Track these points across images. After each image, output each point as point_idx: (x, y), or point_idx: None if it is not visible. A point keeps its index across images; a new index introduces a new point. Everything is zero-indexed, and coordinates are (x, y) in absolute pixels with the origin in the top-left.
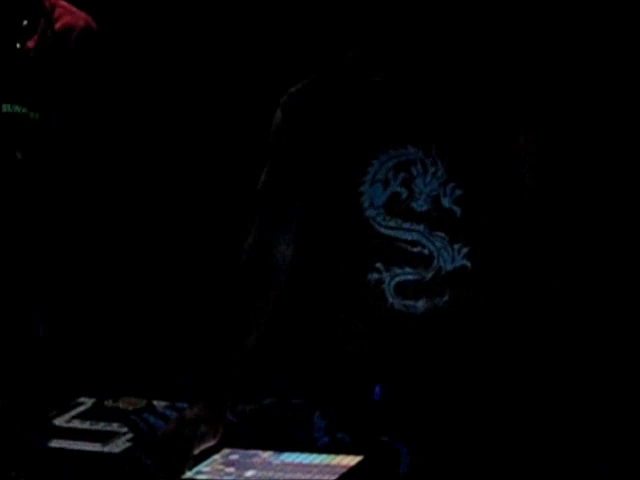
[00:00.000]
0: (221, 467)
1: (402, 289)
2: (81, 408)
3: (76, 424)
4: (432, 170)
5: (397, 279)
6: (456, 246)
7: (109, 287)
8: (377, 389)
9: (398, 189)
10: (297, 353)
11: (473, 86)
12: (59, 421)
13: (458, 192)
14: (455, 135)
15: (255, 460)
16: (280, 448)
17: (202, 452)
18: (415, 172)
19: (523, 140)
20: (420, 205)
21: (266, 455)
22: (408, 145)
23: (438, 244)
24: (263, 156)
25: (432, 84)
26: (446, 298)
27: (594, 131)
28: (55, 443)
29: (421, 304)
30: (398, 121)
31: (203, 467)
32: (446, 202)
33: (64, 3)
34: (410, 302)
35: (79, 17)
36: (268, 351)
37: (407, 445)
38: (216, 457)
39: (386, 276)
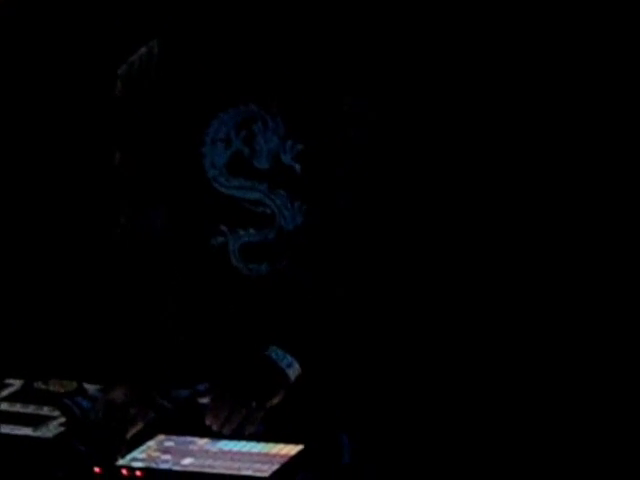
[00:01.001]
0: (157, 454)
1: (246, 252)
2: (9, 390)
3: (5, 407)
4: (272, 127)
5: (241, 241)
6: (296, 204)
7: (35, 264)
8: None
9: (240, 147)
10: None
11: (309, 45)
12: None
13: (298, 147)
14: (293, 92)
15: (192, 447)
16: (216, 435)
17: (136, 438)
18: (256, 129)
19: (350, 99)
20: (262, 163)
21: (203, 442)
22: (249, 103)
23: (279, 202)
24: (110, 129)
25: (270, 41)
26: (286, 259)
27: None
28: None
29: (264, 267)
30: (237, 80)
31: (138, 454)
32: (286, 158)
33: None
34: (254, 265)
35: None
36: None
37: (349, 433)
38: (151, 443)
39: (230, 239)
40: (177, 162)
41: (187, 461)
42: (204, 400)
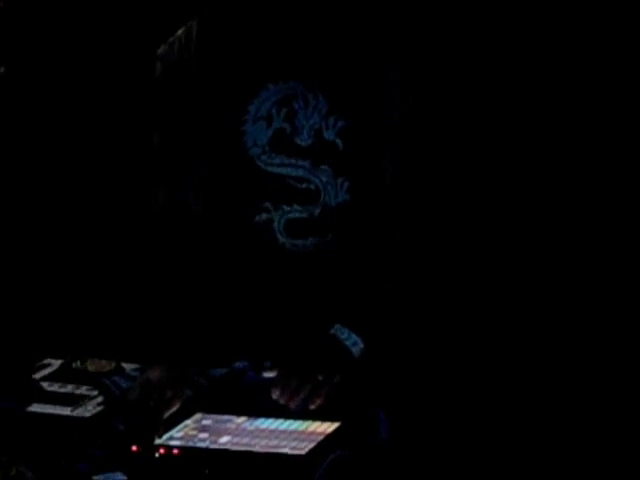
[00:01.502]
0: (194, 432)
1: (291, 227)
2: (48, 370)
3: (44, 386)
4: (314, 103)
5: (286, 217)
6: (339, 180)
7: (73, 243)
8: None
9: (282, 125)
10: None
11: (347, 20)
12: (26, 383)
13: (340, 124)
14: (333, 68)
15: (229, 426)
16: (254, 413)
17: (174, 417)
18: (297, 106)
19: (390, 73)
20: (304, 139)
21: (240, 420)
22: (289, 80)
23: (324, 178)
24: (150, 111)
25: (309, 17)
26: (331, 235)
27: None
28: (22, 406)
29: (310, 242)
30: (276, 57)
31: (175, 432)
32: (329, 135)
33: None
34: (299, 241)
35: None
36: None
37: (386, 410)
38: (188, 422)
39: (275, 215)
40: (218, 141)
41: (224, 439)
42: (269, 374)
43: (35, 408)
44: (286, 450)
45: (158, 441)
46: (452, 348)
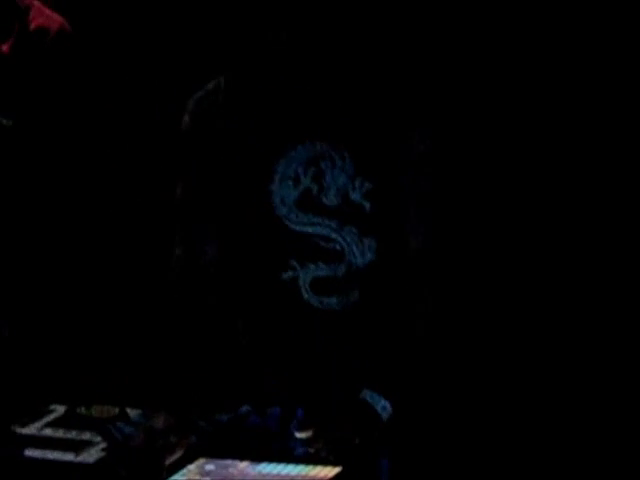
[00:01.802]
0: (197, 477)
1: (317, 285)
2: (53, 415)
3: (48, 432)
4: (340, 164)
5: (311, 275)
6: (366, 240)
7: (78, 291)
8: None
9: (309, 184)
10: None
11: (375, 83)
12: (30, 429)
13: (367, 186)
14: (360, 130)
15: (232, 471)
16: (257, 458)
17: (177, 462)
18: (324, 166)
19: (417, 138)
20: (330, 200)
21: (243, 465)
22: (316, 141)
23: (349, 239)
24: (175, 163)
25: (335, 80)
26: (357, 293)
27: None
28: (27, 452)
29: (335, 300)
30: (304, 118)
31: (178, 477)
32: (355, 196)
33: (38, 4)
34: (325, 298)
35: (54, 19)
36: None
37: (387, 456)
38: (191, 467)
39: (301, 273)
40: (244, 198)
41: None
42: (301, 435)
43: (39, 454)
44: None
45: None
46: (463, 406)
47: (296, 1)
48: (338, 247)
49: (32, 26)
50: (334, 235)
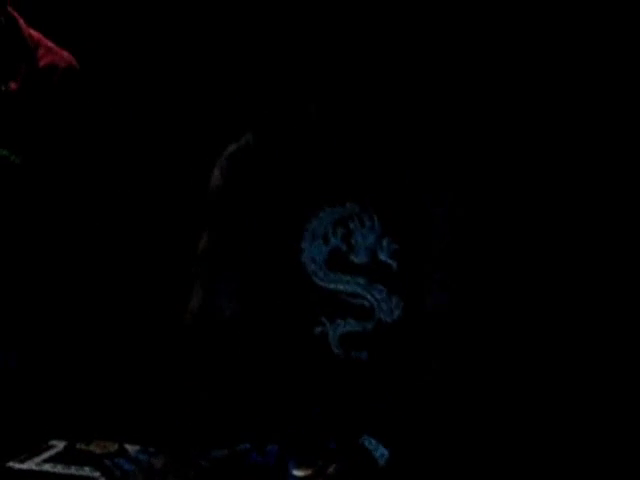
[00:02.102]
0: None
1: (346, 340)
2: (52, 451)
3: (47, 468)
4: (369, 224)
5: (341, 330)
6: (394, 298)
7: (80, 326)
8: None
9: (338, 244)
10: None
11: (401, 146)
12: (30, 464)
13: (393, 247)
14: (387, 191)
15: None
16: None
17: None
18: (353, 226)
19: (439, 202)
20: (360, 258)
21: None
22: (345, 202)
23: (378, 296)
24: (201, 216)
25: (364, 143)
26: (387, 349)
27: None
28: None
29: (365, 354)
30: (334, 179)
31: None
32: (383, 256)
33: (47, 42)
34: (355, 352)
35: (62, 56)
36: (239, 398)
37: None
38: None
39: (330, 328)
40: (273, 255)
41: None
42: (299, 473)
43: None
44: None
45: None
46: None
47: (324, 70)
48: (367, 304)
49: (41, 64)
50: (363, 292)
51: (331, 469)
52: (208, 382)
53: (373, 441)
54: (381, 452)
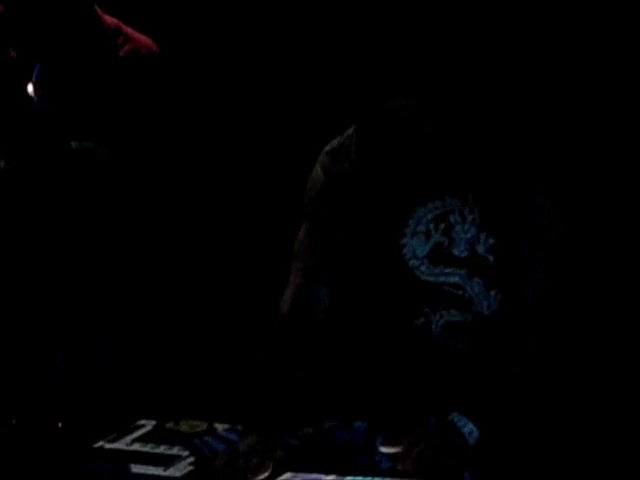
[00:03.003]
0: None
1: (448, 330)
2: (142, 431)
3: (137, 447)
4: (470, 218)
5: (443, 320)
6: (492, 292)
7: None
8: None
9: (440, 239)
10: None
11: (500, 140)
12: (120, 444)
13: (491, 241)
14: (486, 186)
15: None
16: (343, 472)
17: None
18: (454, 220)
19: (540, 193)
20: (461, 251)
21: (329, 479)
22: (445, 196)
23: (476, 289)
24: (299, 211)
25: (461, 136)
26: (485, 341)
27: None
28: (117, 467)
29: (464, 345)
30: (434, 174)
31: None
32: (480, 249)
33: (126, 28)
34: (455, 342)
35: (142, 42)
36: (328, 377)
37: (471, 470)
38: (285, 477)
39: (433, 318)
40: (375, 249)
41: None
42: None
43: (128, 469)
44: None
45: None
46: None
47: (425, 64)
48: (467, 296)
49: (122, 52)
50: (463, 284)
51: (420, 446)
52: (301, 363)
53: (463, 418)
54: (470, 429)
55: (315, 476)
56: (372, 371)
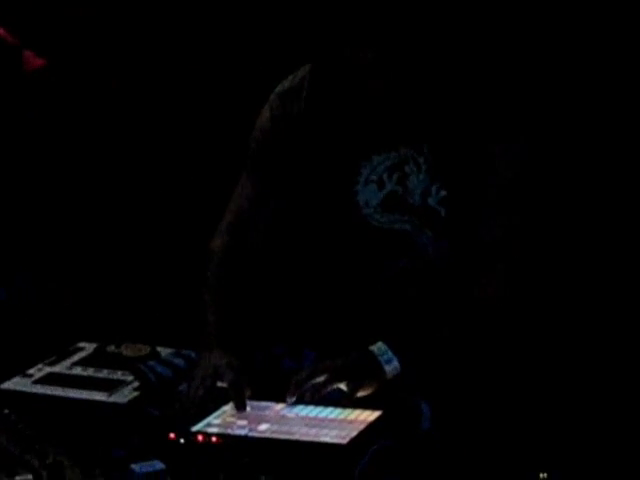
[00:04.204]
0: (232, 419)
1: (399, 275)
2: (82, 354)
3: (78, 371)
4: (425, 167)
5: (395, 265)
6: (441, 243)
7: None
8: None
9: (394, 187)
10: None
11: (459, 92)
12: (59, 367)
13: (442, 193)
14: (442, 138)
15: (268, 413)
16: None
17: (212, 403)
18: (408, 170)
19: (498, 150)
20: (415, 200)
21: (279, 407)
22: (400, 147)
23: (425, 240)
24: (245, 157)
25: (420, 87)
26: (434, 288)
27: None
28: (58, 391)
29: (414, 291)
30: (389, 124)
31: (213, 419)
32: (432, 201)
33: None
34: (405, 287)
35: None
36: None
37: (428, 400)
38: (226, 408)
39: (385, 264)
40: (330, 199)
41: (263, 427)
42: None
43: (69, 393)
44: (327, 439)
45: (195, 428)
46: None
47: (382, 13)
48: (419, 243)
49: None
50: (415, 232)
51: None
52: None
53: (383, 347)
54: (387, 358)
55: (265, 404)
56: (326, 306)
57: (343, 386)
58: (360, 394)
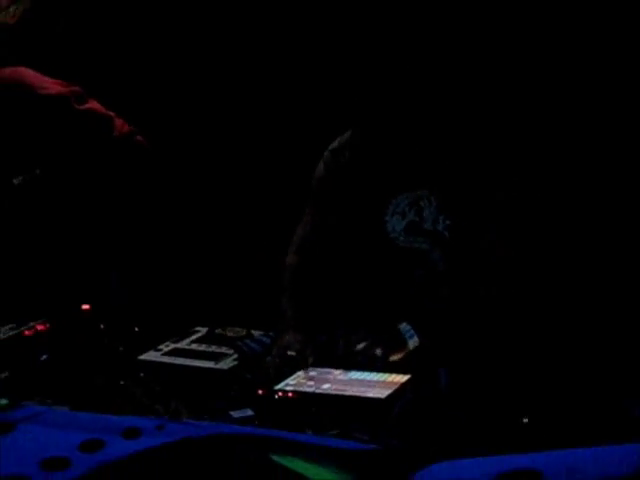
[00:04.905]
0: (304, 381)
1: (416, 281)
2: (197, 335)
3: (194, 346)
4: (435, 203)
5: (413, 275)
6: (447, 258)
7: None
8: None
9: (413, 218)
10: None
11: (466, 147)
12: (181, 344)
13: (447, 222)
14: (448, 182)
15: (329, 376)
16: (347, 368)
17: (290, 369)
18: (423, 204)
19: (501, 197)
20: (428, 226)
21: (337, 372)
22: (417, 188)
23: (436, 256)
24: (304, 201)
25: (432, 147)
26: (440, 288)
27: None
28: (178, 360)
29: (427, 291)
30: (409, 171)
31: (290, 381)
32: (440, 227)
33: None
34: (421, 290)
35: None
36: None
37: (446, 367)
38: (300, 373)
39: (406, 273)
40: (367, 226)
41: (326, 386)
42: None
43: (187, 362)
44: (370, 394)
45: (277, 387)
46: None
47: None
48: (432, 259)
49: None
50: (429, 250)
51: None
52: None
53: (407, 326)
54: (410, 334)
55: (327, 370)
56: (367, 301)
57: (379, 352)
58: (391, 359)
